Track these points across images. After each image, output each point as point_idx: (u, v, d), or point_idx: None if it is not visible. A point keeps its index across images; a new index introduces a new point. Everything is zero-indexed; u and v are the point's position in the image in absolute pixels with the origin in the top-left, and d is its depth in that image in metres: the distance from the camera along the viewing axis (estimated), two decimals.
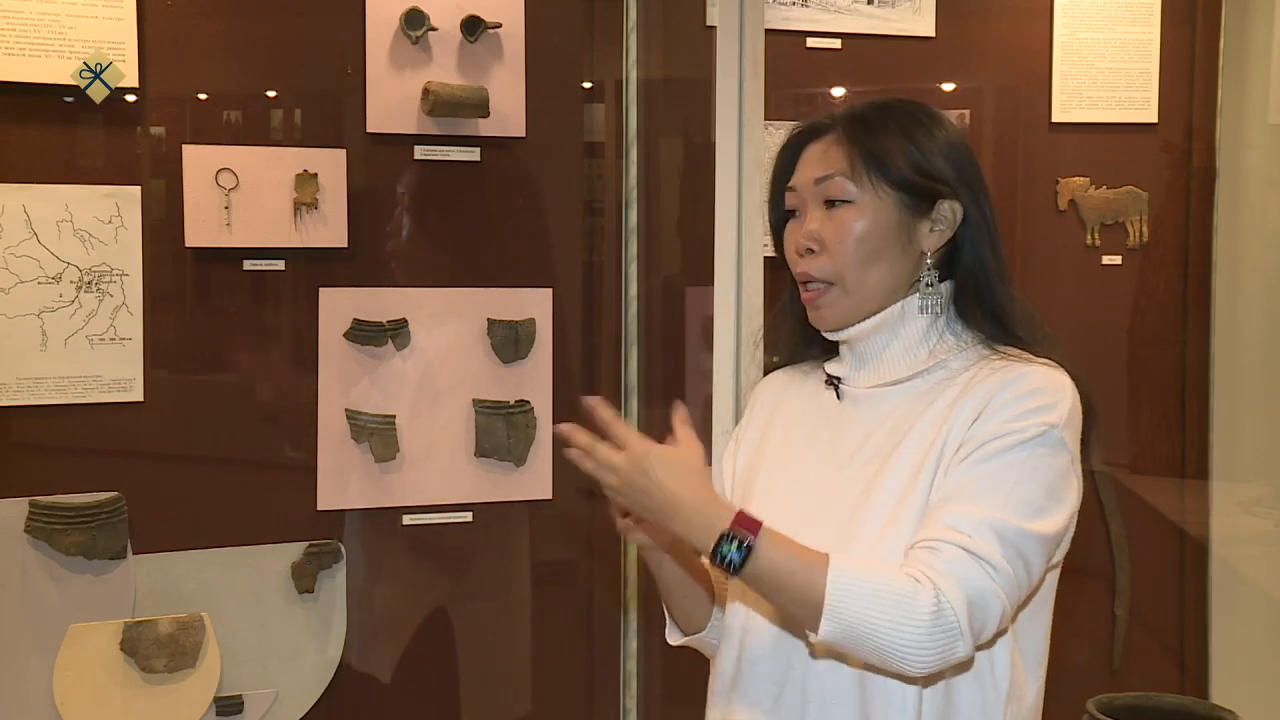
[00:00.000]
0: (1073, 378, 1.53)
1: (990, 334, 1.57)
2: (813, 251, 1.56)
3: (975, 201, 1.58)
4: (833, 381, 1.63)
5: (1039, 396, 1.47)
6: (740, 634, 1.59)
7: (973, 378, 1.52)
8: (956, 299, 1.59)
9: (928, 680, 1.46)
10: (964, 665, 1.46)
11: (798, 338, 1.70)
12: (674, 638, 1.74)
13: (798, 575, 1.38)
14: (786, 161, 1.65)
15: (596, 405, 1.44)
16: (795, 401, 1.69)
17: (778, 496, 1.61)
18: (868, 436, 1.56)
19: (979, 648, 1.44)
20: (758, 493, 1.64)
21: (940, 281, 1.59)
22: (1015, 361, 1.53)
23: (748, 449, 1.72)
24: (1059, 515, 1.45)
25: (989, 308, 1.58)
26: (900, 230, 1.55)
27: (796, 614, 1.41)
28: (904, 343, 1.58)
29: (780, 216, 1.66)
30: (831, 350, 1.66)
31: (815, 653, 1.49)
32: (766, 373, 1.80)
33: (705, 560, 1.42)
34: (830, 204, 1.56)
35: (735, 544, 1.37)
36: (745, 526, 1.38)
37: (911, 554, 1.41)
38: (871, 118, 1.58)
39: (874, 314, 1.57)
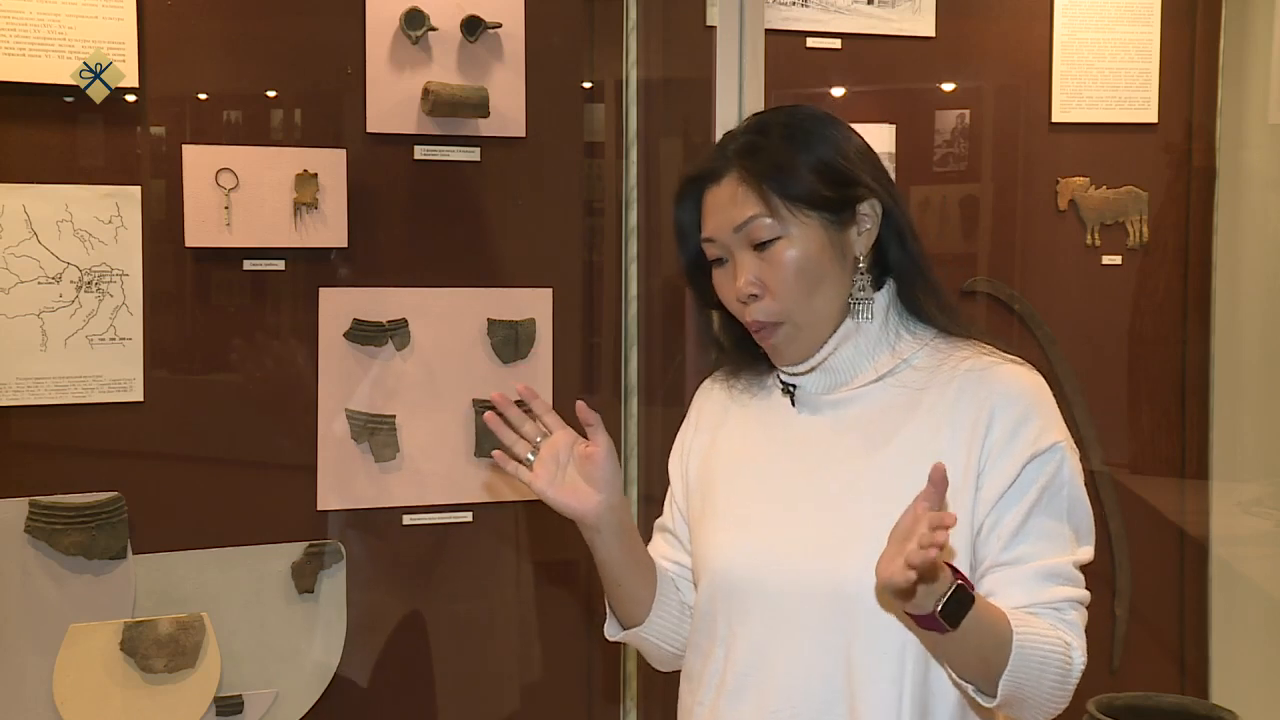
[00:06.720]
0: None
1: (943, 326, 1.57)
2: (756, 296, 1.53)
3: (889, 194, 1.56)
4: (789, 390, 1.61)
5: (1034, 419, 1.50)
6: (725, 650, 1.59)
7: (949, 381, 1.53)
8: (902, 295, 1.58)
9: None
10: None
11: (742, 359, 1.67)
12: (612, 632, 1.71)
13: (994, 633, 1.39)
14: (689, 213, 1.61)
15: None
16: (744, 408, 1.66)
17: (742, 498, 1.59)
18: (838, 438, 1.55)
19: None
20: (720, 497, 1.62)
21: (878, 280, 1.57)
22: (982, 358, 1.54)
23: (699, 456, 1.69)
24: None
25: (934, 297, 1.58)
26: (833, 247, 1.53)
27: (968, 671, 1.43)
28: (862, 351, 1.56)
29: (693, 263, 1.63)
30: None
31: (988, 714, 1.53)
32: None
33: (915, 621, 1.37)
34: (758, 245, 1.52)
35: (960, 597, 1.35)
36: (963, 581, 1.37)
37: (1042, 615, 1.45)
38: (764, 144, 1.54)
39: (830, 336, 1.55)
